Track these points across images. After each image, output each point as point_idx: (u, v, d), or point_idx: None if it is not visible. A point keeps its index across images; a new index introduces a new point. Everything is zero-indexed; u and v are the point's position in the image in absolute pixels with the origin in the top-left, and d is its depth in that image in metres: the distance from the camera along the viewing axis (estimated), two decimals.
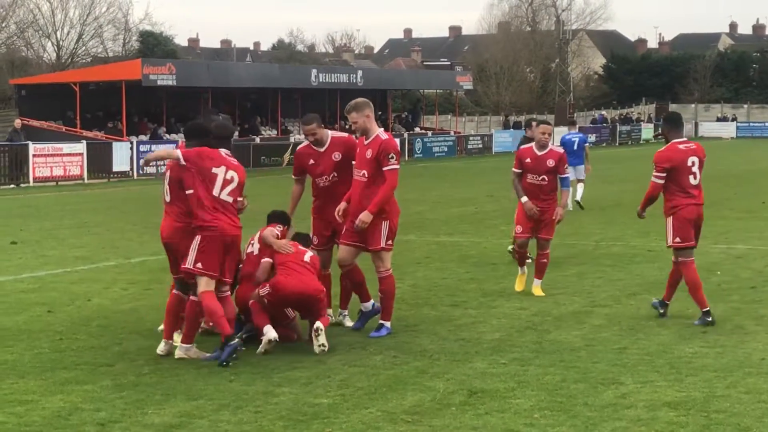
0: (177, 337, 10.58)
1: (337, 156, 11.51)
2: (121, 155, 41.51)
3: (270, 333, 10.33)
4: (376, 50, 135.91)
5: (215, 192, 10.06)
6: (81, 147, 40.04)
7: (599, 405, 8.49)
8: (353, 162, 11.33)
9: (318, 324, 10.40)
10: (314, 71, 57.60)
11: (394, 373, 9.59)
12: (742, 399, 8.65)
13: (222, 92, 52.76)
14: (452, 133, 65.82)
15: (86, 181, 39.37)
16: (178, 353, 10.21)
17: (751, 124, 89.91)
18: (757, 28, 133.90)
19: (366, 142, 11.15)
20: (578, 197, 25.68)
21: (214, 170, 10.11)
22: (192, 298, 10.24)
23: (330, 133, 11.70)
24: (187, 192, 10.14)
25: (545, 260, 13.89)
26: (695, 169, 11.90)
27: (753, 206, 25.92)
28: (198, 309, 10.20)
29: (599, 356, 10.18)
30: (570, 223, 22.29)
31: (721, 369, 9.64)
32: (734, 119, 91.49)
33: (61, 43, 71.54)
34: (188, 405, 8.56)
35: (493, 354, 10.31)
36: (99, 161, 40.35)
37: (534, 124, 14.95)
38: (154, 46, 75.84)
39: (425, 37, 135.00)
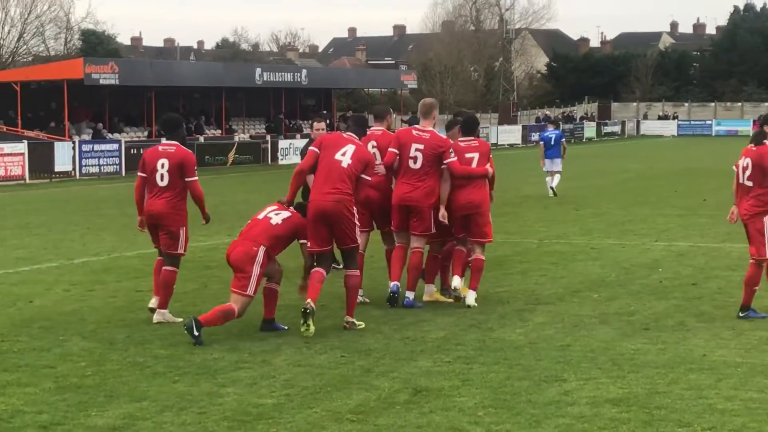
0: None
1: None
2: (63, 155, 41.05)
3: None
4: (320, 49, 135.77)
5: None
6: (22, 147, 39.56)
7: (543, 402, 8.55)
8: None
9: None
10: (258, 70, 57.40)
11: (339, 372, 9.60)
12: (683, 395, 8.74)
13: (166, 91, 52.41)
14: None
15: (28, 181, 38.89)
16: (156, 318, 11.69)
17: (692, 123, 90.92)
18: (698, 27, 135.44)
19: None
20: (554, 184, 28.88)
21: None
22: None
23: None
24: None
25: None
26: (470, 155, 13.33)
27: (694, 204, 26.20)
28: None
29: (543, 354, 10.24)
30: (514, 221, 22.42)
31: (662, 365, 9.74)
32: (675, 117, 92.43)
33: (1, 42, 70.73)
34: (131, 407, 8.51)
35: (437, 352, 10.34)
36: (41, 161, 39.87)
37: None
38: (96, 44, 75.15)
39: (370, 36, 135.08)
